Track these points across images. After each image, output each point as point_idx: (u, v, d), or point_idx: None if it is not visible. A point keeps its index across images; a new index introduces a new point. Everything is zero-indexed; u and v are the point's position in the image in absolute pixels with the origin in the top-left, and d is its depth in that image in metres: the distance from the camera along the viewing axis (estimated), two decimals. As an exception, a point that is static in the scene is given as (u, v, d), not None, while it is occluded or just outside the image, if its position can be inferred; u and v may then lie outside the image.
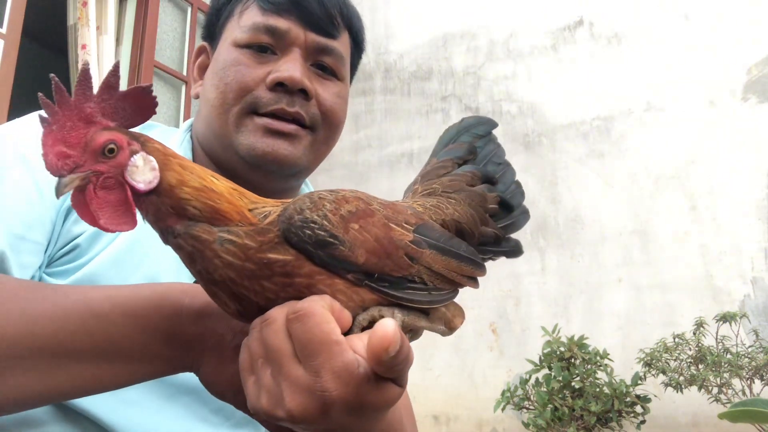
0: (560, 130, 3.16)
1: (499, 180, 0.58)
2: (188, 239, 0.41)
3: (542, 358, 2.44)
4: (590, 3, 3.23)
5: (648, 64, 3.02)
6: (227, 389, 0.47)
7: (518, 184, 0.59)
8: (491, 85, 3.41)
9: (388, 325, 0.36)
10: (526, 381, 2.46)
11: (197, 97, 0.78)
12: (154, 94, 0.44)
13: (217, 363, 0.47)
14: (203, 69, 0.80)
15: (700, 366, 2.16)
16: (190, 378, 0.60)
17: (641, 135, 2.96)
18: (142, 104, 0.43)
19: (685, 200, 2.80)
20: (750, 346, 2.21)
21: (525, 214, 0.58)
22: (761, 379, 2.10)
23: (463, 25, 3.57)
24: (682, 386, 2.16)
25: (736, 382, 2.13)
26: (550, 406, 2.30)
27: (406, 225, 0.46)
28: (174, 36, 3.38)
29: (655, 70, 3.00)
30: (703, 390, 2.13)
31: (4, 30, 2.60)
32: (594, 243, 2.94)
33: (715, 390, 2.12)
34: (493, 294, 3.09)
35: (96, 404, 0.62)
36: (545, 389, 2.37)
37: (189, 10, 3.45)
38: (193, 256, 0.41)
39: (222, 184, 0.44)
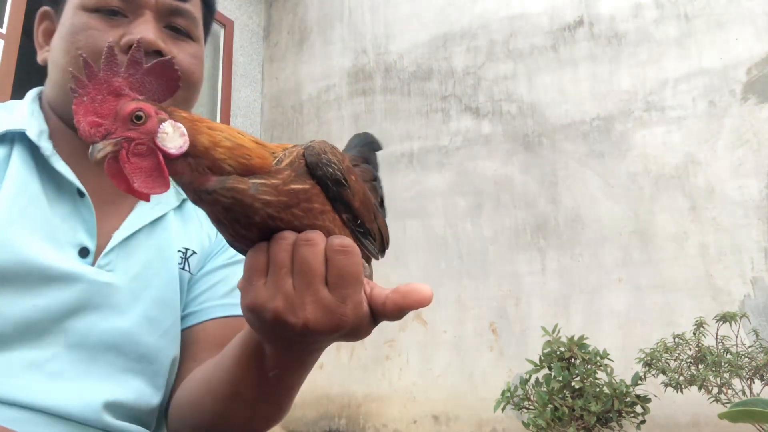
0: (560, 130, 3.16)
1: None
2: (226, 192, 0.44)
3: (542, 358, 2.44)
4: (590, 3, 3.24)
5: (648, 64, 3.02)
6: None
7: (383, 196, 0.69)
8: (491, 85, 3.41)
9: (428, 290, 0.45)
10: (526, 381, 2.45)
11: (45, 63, 0.77)
12: (176, 67, 0.46)
13: None
14: (49, 34, 0.79)
15: (700, 366, 2.16)
16: (106, 335, 0.66)
17: (641, 135, 2.96)
18: (166, 78, 0.46)
19: (685, 200, 2.80)
20: (750, 346, 2.21)
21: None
22: (761, 379, 2.10)
23: (463, 25, 3.57)
24: (682, 386, 2.16)
25: (736, 382, 2.13)
26: (550, 406, 2.30)
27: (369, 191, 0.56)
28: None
29: (655, 70, 3.00)
30: (703, 390, 2.13)
31: (4, 30, 2.60)
32: (594, 243, 2.94)
33: (715, 390, 2.12)
34: (493, 294, 3.09)
35: (21, 388, 0.61)
36: (545, 389, 2.37)
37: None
38: (231, 206, 0.45)
39: (247, 139, 0.47)
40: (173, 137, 0.43)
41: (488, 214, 3.22)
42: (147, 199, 0.45)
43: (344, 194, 0.49)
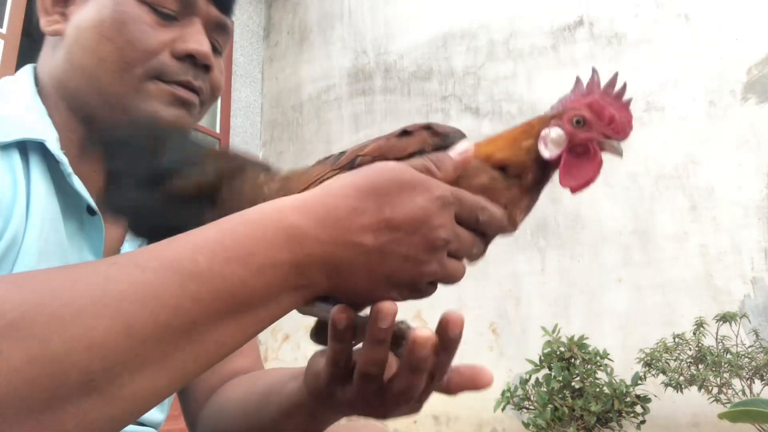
0: (560, 130, 3.16)
1: None
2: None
3: (542, 358, 2.44)
4: (590, 3, 3.23)
5: (648, 64, 3.02)
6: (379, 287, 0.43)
7: None
8: (491, 85, 3.41)
9: (491, 375, 0.52)
10: (526, 381, 2.45)
11: (55, 33, 0.68)
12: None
13: (363, 270, 0.42)
14: (60, 1, 0.70)
15: (700, 366, 2.16)
16: None
17: (641, 135, 2.96)
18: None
19: (685, 200, 2.80)
20: (750, 346, 2.21)
21: None
22: (761, 379, 2.10)
23: (463, 25, 3.57)
24: (682, 386, 2.16)
25: (736, 382, 2.13)
26: (550, 406, 2.30)
27: None
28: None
29: (655, 70, 3.00)
30: (703, 390, 2.13)
31: (4, 30, 2.60)
32: (594, 243, 2.94)
33: (715, 390, 2.12)
34: (493, 294, 3.09)
35: None
36: (545, 389, 2.37)
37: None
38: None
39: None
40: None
41: (488, 214, 3.22)
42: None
43: None
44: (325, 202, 0.42)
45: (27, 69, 0.71)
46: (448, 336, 0.44)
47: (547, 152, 0.51)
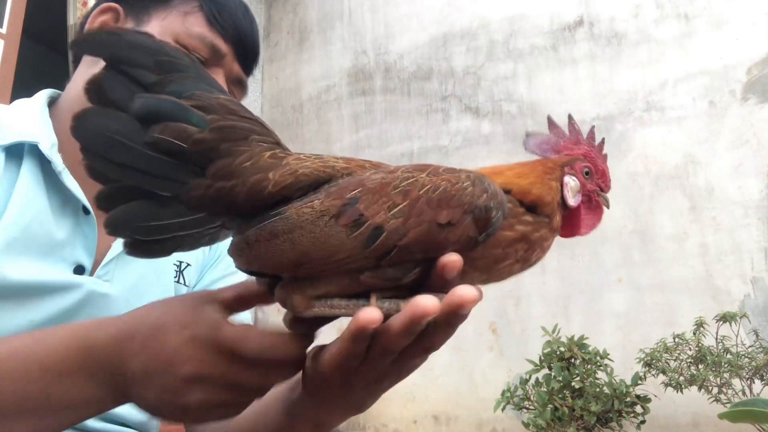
0: (560, 130, 3.16)
1: None
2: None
3: (542, 358, 2.44)
4: (590, 3, 3.23)
5: (648, 64, 3.02)
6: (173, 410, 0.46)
7: None
8: (491, 85, 3.41)
9: (471, 292, 0.45)
10: (526, 381, 2.45)
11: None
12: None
13: (155, 382, 0.44)
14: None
15: (700, 366, 2.16)
16: None
17: (641, 135, 2.96)
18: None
19: (685, 200, 2.79)
20: (750, 346, 2.21)
21: None
22: (761, 379, 2.10)
23: (463, 25, 3.57)
24: (682, 386, 2.16)
25: (736, 382, 2.13)
26: (550, 406, 2.30)
27: None
28: (174, 36, 3.37)
29: (655, 70, 3.00)
30: (703, 390, 2.13)
31: (4, 30, 2.60)
32: (594, 243, 2.94)
33: (715, 390, 2.12)
34: (493, 294, 3.09)
35: None
36: (545, 389, 2.36)
37: (189, 10, 3.45)
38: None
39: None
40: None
41: (488, 214, 3.22)
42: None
43: None
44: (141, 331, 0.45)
45: (44, 91, 0.79)
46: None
47: (571, 200, 0.52)
